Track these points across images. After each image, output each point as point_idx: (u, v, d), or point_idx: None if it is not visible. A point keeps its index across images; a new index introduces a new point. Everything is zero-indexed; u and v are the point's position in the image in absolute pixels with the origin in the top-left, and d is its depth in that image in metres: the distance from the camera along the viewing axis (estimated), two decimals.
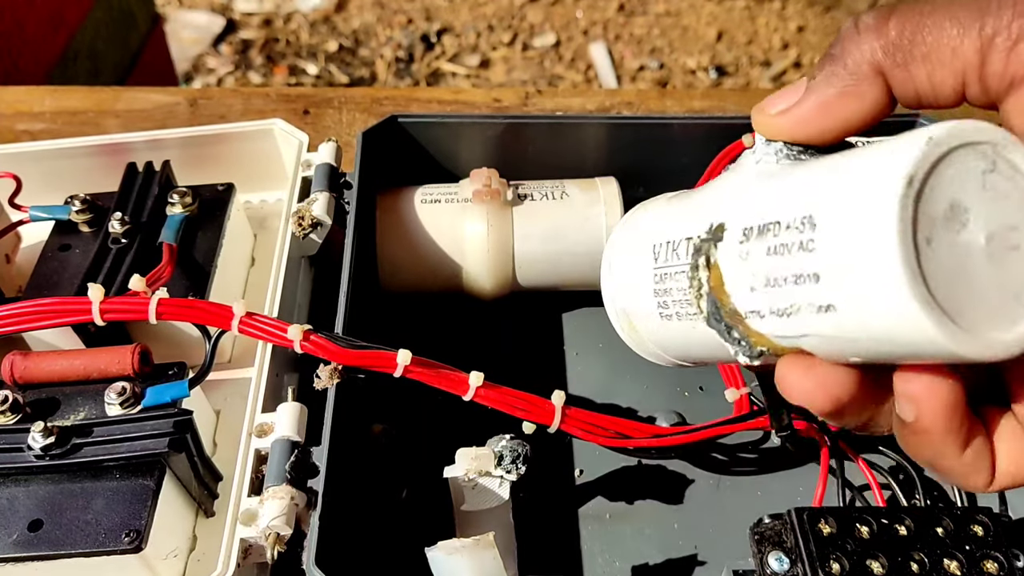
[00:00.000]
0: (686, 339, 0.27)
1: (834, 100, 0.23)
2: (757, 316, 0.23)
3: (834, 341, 0.21)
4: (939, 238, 0.19)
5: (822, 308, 0.20)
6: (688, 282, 0.25)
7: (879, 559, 0.30)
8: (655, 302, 0.27)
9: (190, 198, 0.42)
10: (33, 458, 0.32)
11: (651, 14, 1.82)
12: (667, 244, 0.27)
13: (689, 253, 0.25)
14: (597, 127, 0.47)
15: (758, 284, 0.22)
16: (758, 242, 0.22)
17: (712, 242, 0.24)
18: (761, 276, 0.22)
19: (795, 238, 0.21)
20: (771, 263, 0.22)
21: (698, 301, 0.25)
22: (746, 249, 0.23)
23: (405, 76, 1.69)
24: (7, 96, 0.62)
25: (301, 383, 0.38)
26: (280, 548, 0.31)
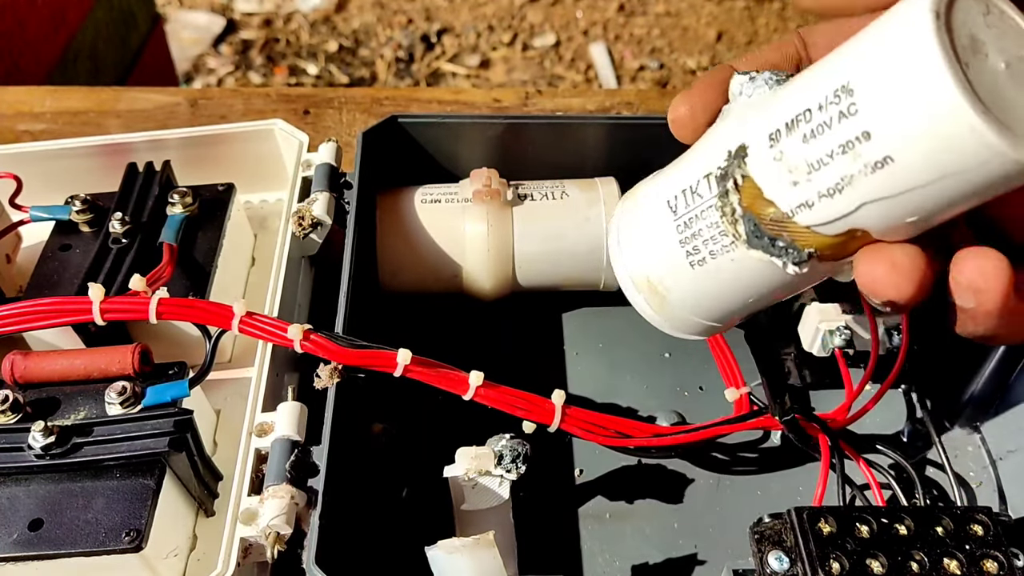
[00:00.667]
0: (722, 281, 0.27)
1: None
2: (806, 208, 0.23)
3: (891, 203, 0.22)
4: (971, 63, 0.20)
5: (877, 165, 0.21)
6: (719, 212, 0.25)
7: (879, 558, 0.30)
8: (682, 252, 0.27)
9: (190, 198, 0.42)
10: (33, 457, 0.32)
11: (651, 14, 1.82)
12: (684, 191, 0.27)
13: (713, 186, 0.25)
14: (597, 127, 0.47)
15: (801, 175, 0.23)
16: (790, 138, 0.23)
17: (737, 162, 0.24)
18: (803, 165, 0.23)
19: (832, 112, 0.22)
20: (812, 147, 0.22)
21: (734, 227, 0.25)
22: (779, 149, 0.23)
23: (405, 76, 1.69)
24: (8, 96, 0.62)
25: (301, 383, 0.38)
26: (280, 547, 0.31)
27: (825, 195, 0.23)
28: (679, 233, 0.27)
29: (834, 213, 0.23)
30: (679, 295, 0.28)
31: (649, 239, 0.29)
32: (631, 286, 0.30)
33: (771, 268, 0.25)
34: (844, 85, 0.21)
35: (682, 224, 0.27)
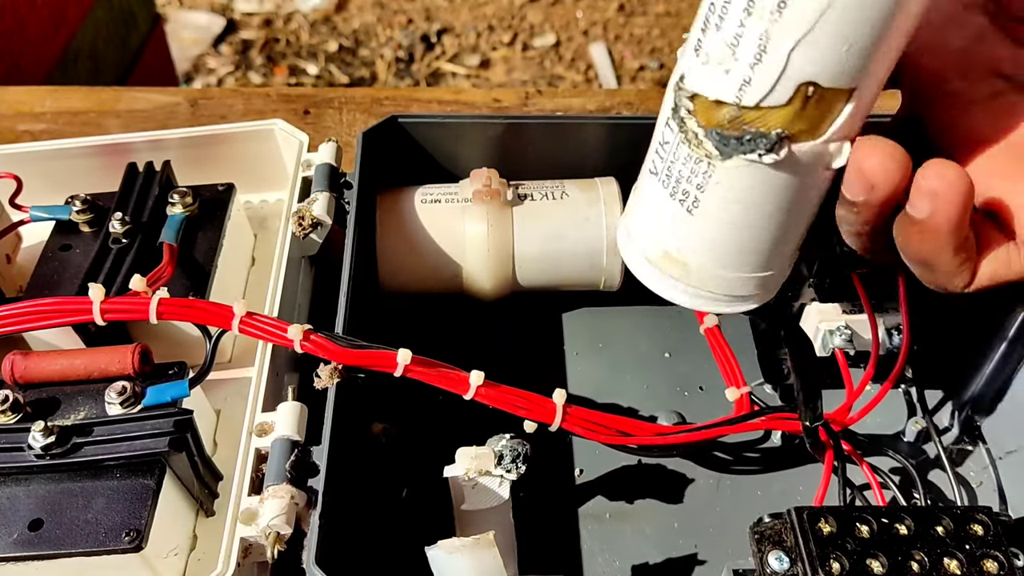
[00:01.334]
0: (723, 215, 0.27)
1: None
2: (748, 86, 0.24)
3: (813, 39, 0.23)
4: None
5: (779, 6, 0.23)
6: (687, 145, 0.26)
7: (879, 558, 0.30)
8: (676, 203, 0.27)
9: (190, 198, 0.42)
10: (33, 457, 0.32)
11: (651, 14, 1.82)
12: (656, 150, 0.28)
13: (672, 127, 0.27)
14: (597, 127, 0.47)
15: (727, 59, 0.24)
16: (707, 37, 0.25)
17: (679, 92, 0.26)
18: (725, 50, 0.24)
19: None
20: (724, 30, 0.24)
21: (703, 148, 0.26)
22: (704, 52, 0.25)
23: (405, 76, 1.69)
24: (8, 96, 0.63)
25: (301, 383, 0.38)
26: (280, 547, 0.31)
27: (755, 63, 0.24)
28: (667, 188, 0.28)
29: (772, 75, 0.24)
30: (696, 251, 0.28)
31: (648, 211, 0.29)
32: (652, 271, 0.30)
33: (757, 174, 0.25)
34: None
35: (665, 178, 0.28)
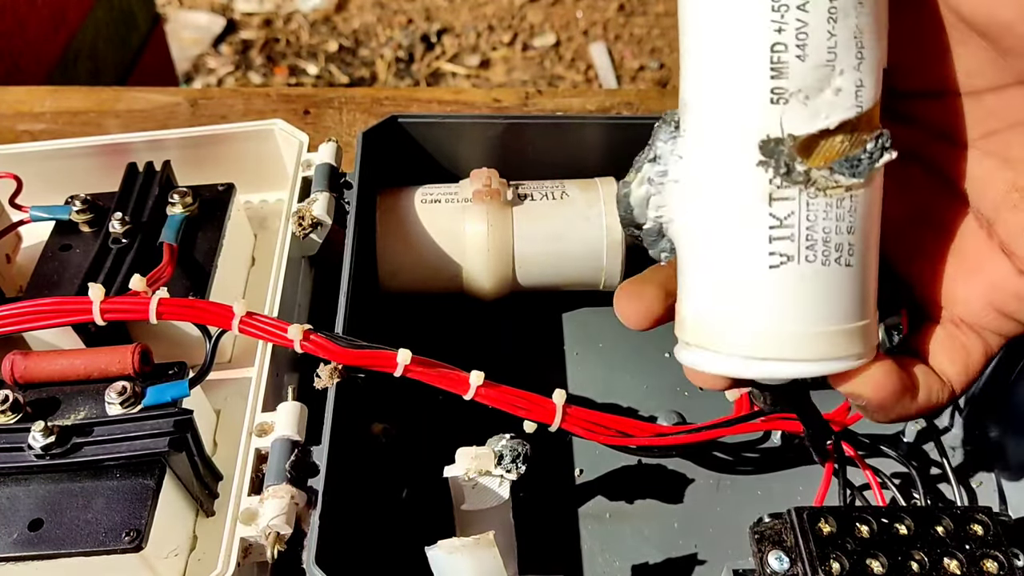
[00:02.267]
0: (872, 242, 0.24)
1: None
2: (863, 89, 0.22)
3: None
4: None
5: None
6: (824, 195, 0.23)
7: (879, 558, 0.30)
8: (832, 266, 0.23)
9: (190, 198, 0.42)
10: (33, 457, 0.32)
11: (651, 14, 1.82)
12: (770, 242, 0.24)
13: (789, 192, 0.23)
14: (597, 127, 0.47)
15: (829, 78, 0.22)
16: (793, 72, 0.22)
17: (776, 154, 0.23)
18: (824, 71, 0.22)
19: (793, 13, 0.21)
20: (811, 55, 0.22)
21: (844, 184, 0.23)
22: (793, 91, 0.22)
23: (405, 76, 1.69)
24: (8, 96, 0.63)
25: (301, 383, 0.38)
26: (280, 547, 0.31)
27: (859, 60, 0.22)
28: (815, 261, 0.23)
29: (876, 65, 0.22)
30: (855, 311, 0.24)
31: (791, 303, 0.23)
32: (800, 366, 0.25)
33: (880, 179, 0.23)
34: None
35: (807, 252, 0.23)
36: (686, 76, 0.24)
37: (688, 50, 0.24)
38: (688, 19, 0.23)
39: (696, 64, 0.23)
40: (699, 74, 0.23)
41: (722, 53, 0.23)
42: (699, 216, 0.24)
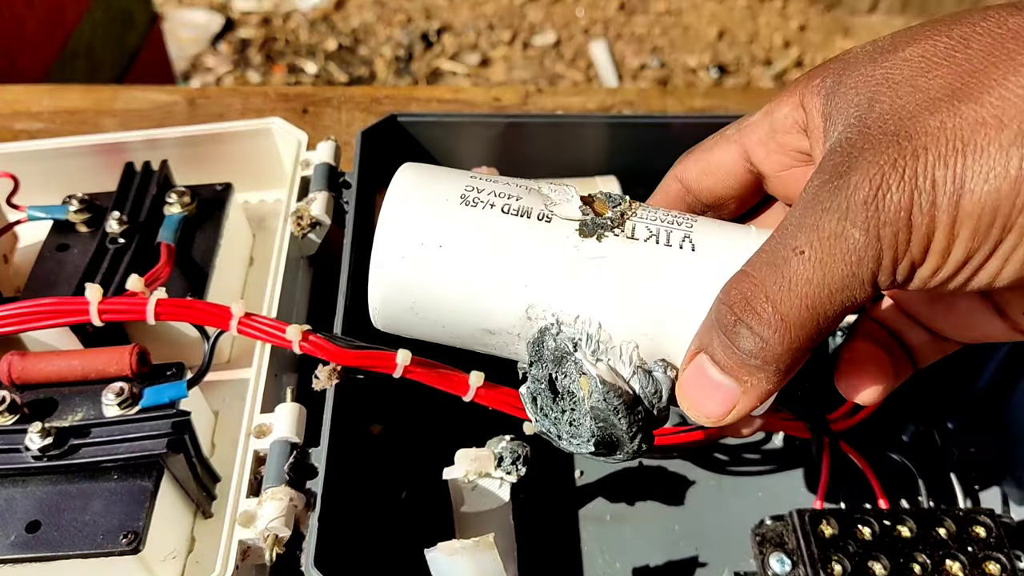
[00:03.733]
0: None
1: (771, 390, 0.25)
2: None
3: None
4: None
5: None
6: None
7: (881, 560, 0.30)
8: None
9: (188, 198, 0.42)
10: (31, 459, 0.32)
11: (652, 13, 1.81)
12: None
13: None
14: (597, 126, 0.46)
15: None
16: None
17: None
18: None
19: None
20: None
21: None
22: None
23: (404, 75, 1.69)
24: (5, 95, 0.62)
25: (300, 384, 0.37)
26: (279, 549, 0.31)
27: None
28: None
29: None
30: None
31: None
32: None
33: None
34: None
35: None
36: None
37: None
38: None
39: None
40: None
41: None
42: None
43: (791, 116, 0.27)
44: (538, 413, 0.29)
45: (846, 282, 0.23)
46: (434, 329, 0.29)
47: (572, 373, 0.27)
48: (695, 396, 0.25)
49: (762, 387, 0.24)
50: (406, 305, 0.28)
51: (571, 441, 0.28)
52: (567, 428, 0.28)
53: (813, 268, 0.23)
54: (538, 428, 0.29)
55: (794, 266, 0.23)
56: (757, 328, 0.23)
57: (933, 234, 0.22)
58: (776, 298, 0.23)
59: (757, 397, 0.24)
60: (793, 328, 0.23)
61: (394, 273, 0.28)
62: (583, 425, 0.28)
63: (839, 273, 0.22)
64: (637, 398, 0.27)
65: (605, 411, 0.27)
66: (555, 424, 0.28)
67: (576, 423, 0.28)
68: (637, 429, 0.27)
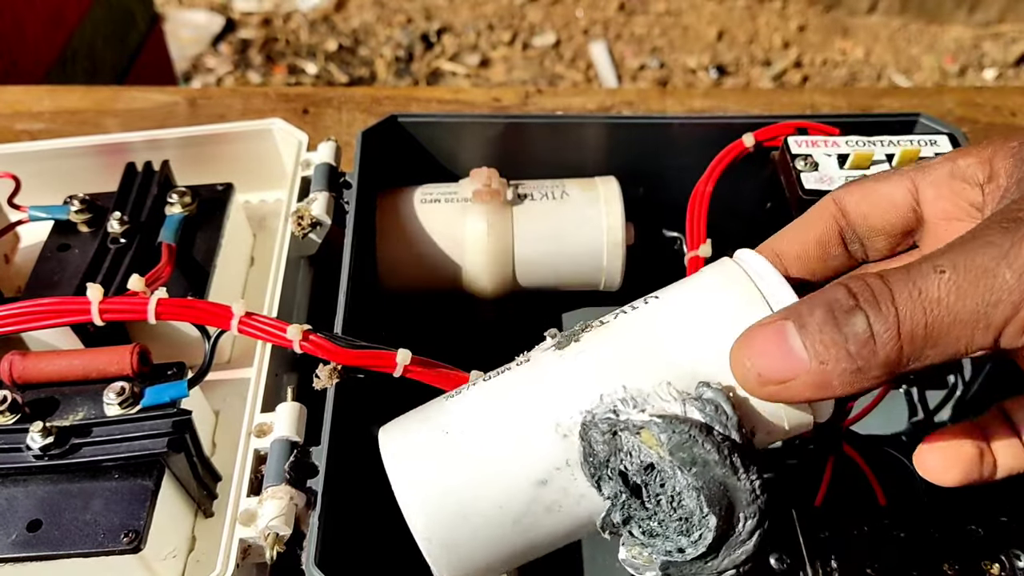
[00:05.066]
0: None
1: (838, 387, 0.23)
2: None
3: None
4: None
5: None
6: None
7: (881, 560, 0.30)
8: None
9: (189, 198, 0.42)
10: (32, 458, 0.32)
11: (651, 13, 1.81)
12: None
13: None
14: (597, 127, 0.46)
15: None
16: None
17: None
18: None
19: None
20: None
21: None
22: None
23: (405, 75, 1.69)
24: (6, 96, 0.62)
25: (300, 383, 0.38)
26: (279, 548, 0.31)
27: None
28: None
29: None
30: None
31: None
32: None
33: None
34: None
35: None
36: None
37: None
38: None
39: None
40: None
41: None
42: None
43: (973, 168, 0.27)
44: (644, 538, 0.25)
45: (975, 317, 0.22)
46: (499, 519, 0.26)
47: (631, 443, 0.24)
48: (760, 348, 0.24)
49: (835, 376, 0.23)
50: (459, 519, 0.26)
51: (693, 542, 0.24)
52: (676, 524, 0.24)
53: (948, 290, 0.22)
54: (659, 570, 0.25)
55: (930, 282, 0.22)
56: (874, 321, 0.22)
57: None
58: (901, 305, 0.22)
59: (821, 382, 0.23)
60: (905, 341, 0.22)
61: (433, 514, 0.27)
62: (684, 496, 0.24)
63: (971, 306, 0.22)
64: (704, 424, 0.24)
65: (685, 448, 0.24)
66: (665, 533, 0.25)
67: (677, 503, 0.24)
68: (735, 459, 0.24)
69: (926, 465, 0.27)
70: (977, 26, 1.77)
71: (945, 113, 0.61)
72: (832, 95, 0.64)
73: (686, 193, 0.42)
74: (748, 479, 0.24)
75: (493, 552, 0.27)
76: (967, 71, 1.72)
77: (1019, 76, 1.71)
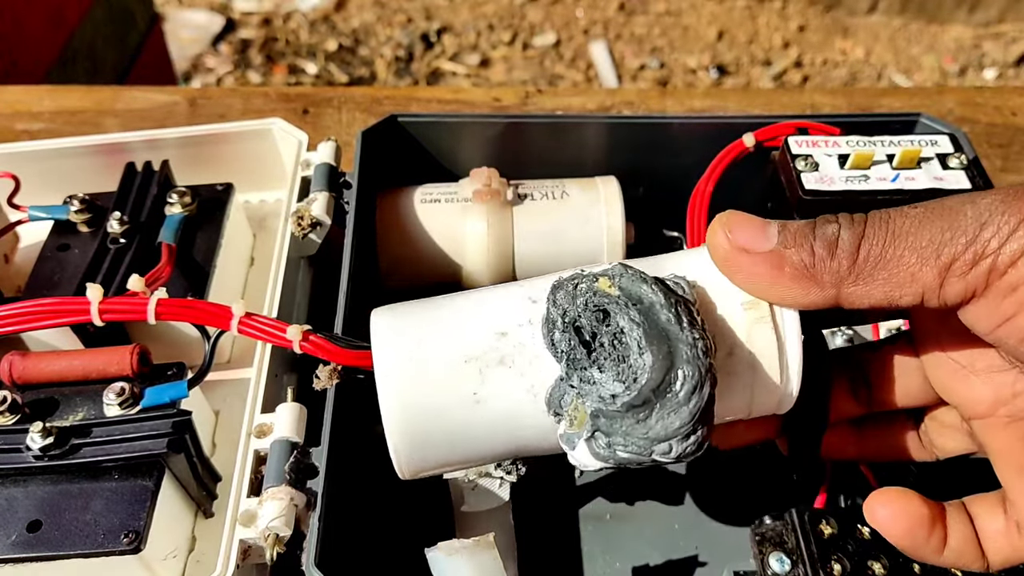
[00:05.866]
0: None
1: (788, 277, 0.25)
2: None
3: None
4: None
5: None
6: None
7: (880, 560, 0.30)
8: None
9: (189, 198, 0.42)
10: (32, 459, 0.32)
11: (652, 13, 1.81)
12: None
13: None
14: (597, 126, 0.46)
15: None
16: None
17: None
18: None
19: None
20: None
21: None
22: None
23: (405, 75, 1.69)
24: (6, 96, 0.62)
25: (300, 383, 0.38)
26: (279, 549, 0.31)
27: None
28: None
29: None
30: None
31: None
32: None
33: None
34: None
35: None
36: None
37: None
38: None
39: None
40: None
41: None
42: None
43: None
44: (583, 386, 0.25)
45: (928, 249, 0.24)
46: (455, 361, 0.27)
47: (589, 289, 0.25)
48: (739, 220, 0.26)
49: (790, 264, 0.25)
50: (419, 366, 0.28)
51: (626, 386, 0.24)
52: (613, 366, 0.24)
53: (912, 222, 0.24)
54: (590, 426, 0.25)
55: (901, 215, 0.25)
56: (843, 230, 0.25)
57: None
58: (870, 225, 0.25)
59: (777, 264, 0.25)
60: (862, 254, 0.24)
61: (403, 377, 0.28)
62: (625, 334, 0.24)
63: (927, 236, 0.24)
64: (660, 278, 0.25)
65: (634, 285, 0.25)
66: (601, 380, 0.25)
67: (619, 341, 0.25)
68: (680, 310, 0.24)
69: (875, 511, 0.28)
70: (977, 26, 1.77)
71: (945, 113, 0.61)
72: (832, 95, 0.64)
73: (686, 193, 0.42)
74: (691, 334, 0.24)
75: (442, 416, 0.27)
76: (967, 71, 1.72)
77: (1019, 76, 1.71)
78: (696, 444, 0.24)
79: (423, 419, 0.27)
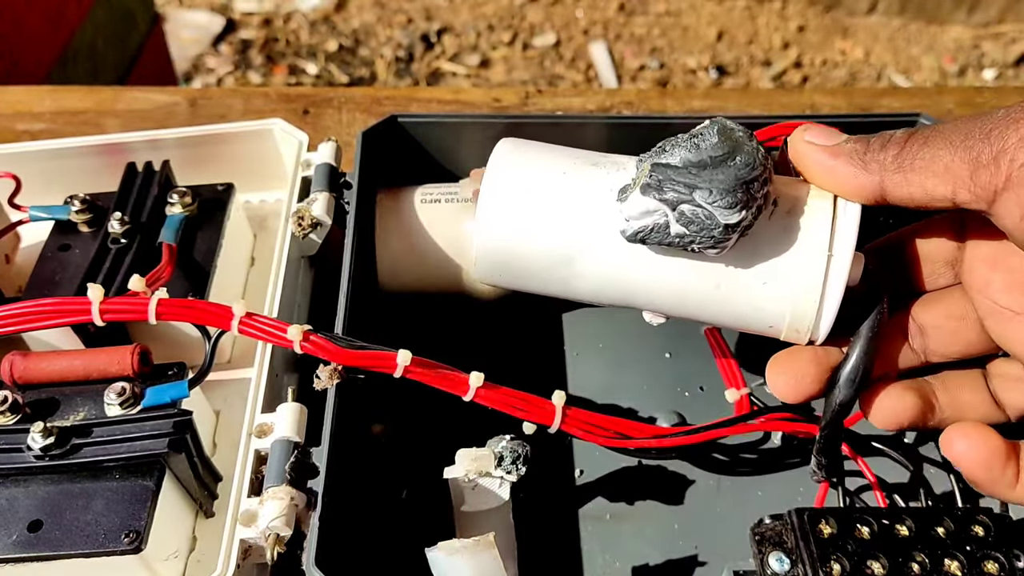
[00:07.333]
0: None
1: (841, 163, 0.29)
2: None
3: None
4: None
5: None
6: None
7: (880, 560, 0.30)
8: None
9: (190, 198, 0.42)
10: (33, 458, 0.32)
11: (651, 14, 1.81)
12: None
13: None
14: (597, 127, 0.46)
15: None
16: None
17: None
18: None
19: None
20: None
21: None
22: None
23: (405, 76, 1.69)
24: (7, 96, 0.62)
25: (301, 383, 0.38)
26: (280, 549, 0.31)
27: None
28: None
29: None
30: None
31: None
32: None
33: None
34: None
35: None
36: None
37: None
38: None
39: None
40: None
41: None
42: None
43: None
44: (655, 156, 0.29)
45: (962, 138, 0.27)
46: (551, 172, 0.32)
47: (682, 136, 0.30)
48: (819, 127, 0.30)
49: (845, 152, 0.29)
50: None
51: (688, 149, 0.29)
52: (685, 142, 0.29)
53: (953, 125, 0.28)
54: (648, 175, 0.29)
55: (945, 122, 0.28)
56: (896, 133, 0.29)
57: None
58: (917, 130, 0.28)
59: (836, 152, 0.29)
60: (907, 145, 0.28)
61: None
62: (707, 132, 0.29)
63: (963, 131, 0.27)
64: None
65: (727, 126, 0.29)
66: (672, 152, 0.29)
67: (697, 134, 0.29)
68: (756, 143, 0.29)
69: (952, 443, 0.29)
70: (977, 26, 1.77)
71: (945, 113, 0.61)
72: (832, 95, 0.64)
73: None
74: (757, 150, 0.28)
75: (534, 185, 0.32)
76: (967, 71, 1.72)
77: (1019, 76, 1.71)
78: (730, 204, 0.28)
79: (517, 184, 0.32)
